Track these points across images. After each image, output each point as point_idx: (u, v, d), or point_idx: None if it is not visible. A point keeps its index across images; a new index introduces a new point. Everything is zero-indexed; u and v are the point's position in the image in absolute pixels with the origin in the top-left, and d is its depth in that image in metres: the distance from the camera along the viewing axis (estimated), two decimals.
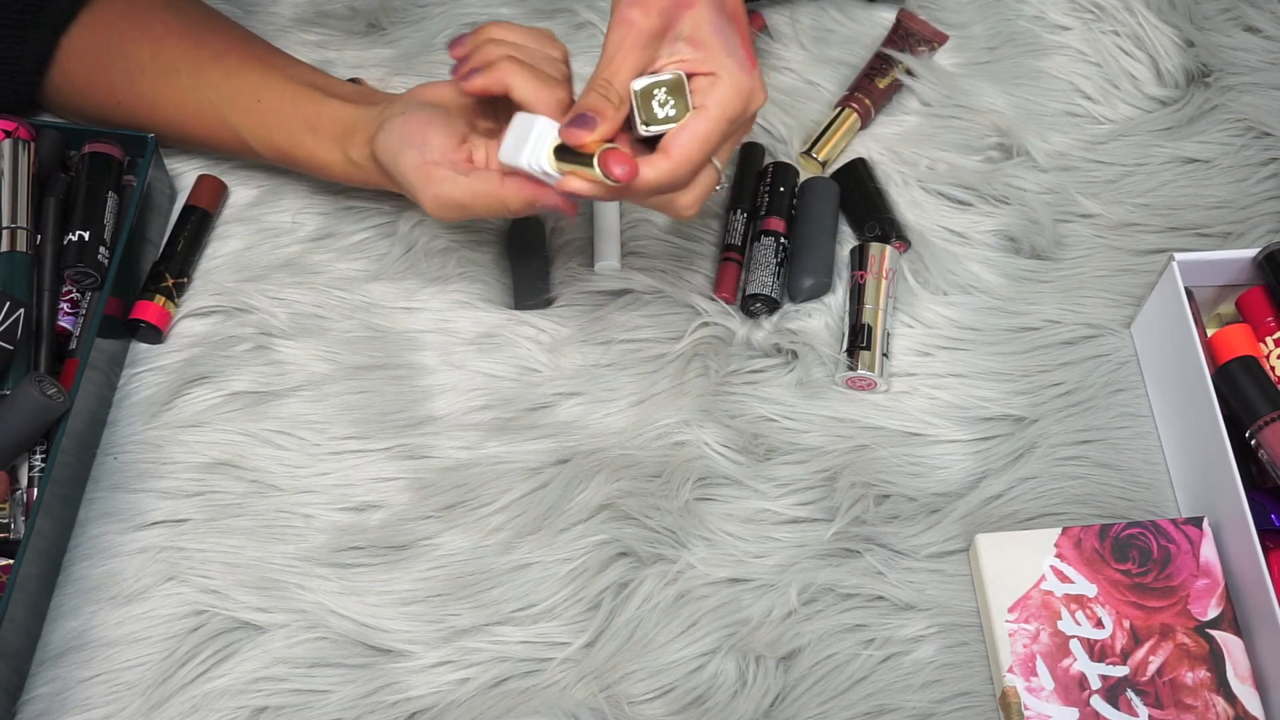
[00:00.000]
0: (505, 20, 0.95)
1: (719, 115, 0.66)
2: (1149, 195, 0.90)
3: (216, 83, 0.80)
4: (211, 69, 0.80)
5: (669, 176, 0.66)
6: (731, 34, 0.67)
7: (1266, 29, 0.97)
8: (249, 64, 0.80)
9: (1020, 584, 0.73)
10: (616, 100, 0.66)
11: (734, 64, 0.66)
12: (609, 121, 0.66)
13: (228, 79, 0.80)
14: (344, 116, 0.77)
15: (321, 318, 0.83)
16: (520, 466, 0.79)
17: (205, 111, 0.81)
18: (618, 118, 0.66)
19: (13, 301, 0.73)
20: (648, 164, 0.65)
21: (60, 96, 0.84)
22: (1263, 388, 0.74)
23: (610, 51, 0.67)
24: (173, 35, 0.81)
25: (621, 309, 0.84)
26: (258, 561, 0.75)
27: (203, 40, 0.81)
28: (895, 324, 0.84)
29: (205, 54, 0.81)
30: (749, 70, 0.67)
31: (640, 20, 0.66)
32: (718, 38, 0.66)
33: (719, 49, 0.66)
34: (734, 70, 0.66)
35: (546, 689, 0.72)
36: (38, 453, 0.75)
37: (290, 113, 0.79)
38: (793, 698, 0.72)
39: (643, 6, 0.66)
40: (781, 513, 0.77)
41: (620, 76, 0.66)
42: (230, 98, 0.80)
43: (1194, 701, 0.69)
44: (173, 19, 0.82)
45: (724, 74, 0.66)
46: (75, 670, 0.72)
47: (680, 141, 0.66)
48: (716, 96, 0.66)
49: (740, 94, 0.66)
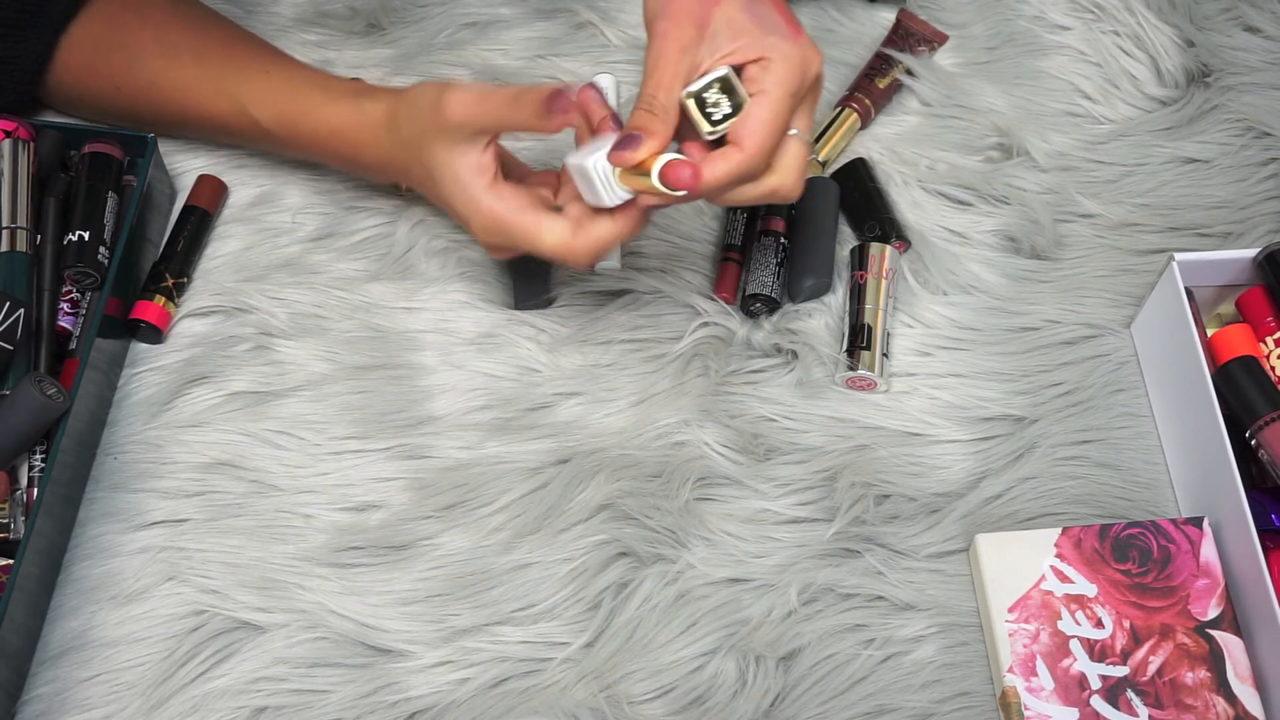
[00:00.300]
0: (504, 16, 0.95)
1: (779, 95, 0.66)
2: (1149, 195, 0.90)
3: (222, 62, 0.81)
4: (217, 51, 0.81)
5: (743, 167, 0.66)
6: (767, 11, 0.67)
7: (1266, 29, 0.97)
8: (255, 50, 0.82)
9: (1020, 584, 0.73)
10: (662, 113, 0.66)
11: (778, 40, 0.66)
12: (657, 136, 0.66)
13: (235, 58, 0.81)
14: (359, 84, 0.79)
15: (321, 318, 0.83)
16: (520, 466, 0.79)
17: (206, 86, 0.81)
18: (666, 131, 0.66)
19: (13, 301, 0.73)
20: (720, 158, 0.66)
21: (60, 89, 0.84)
22: (1263, 388, 0.74)
23: (650, 66, 0.67)
24: (177, 24, 0.82)
25: (621, 309, 0.84)
26: (258, 561, 0.75)
27: (207, 30, 0.82)
28: (895, 324, 0.84)
29: (211, 40, 0.81)
30: (795, 39, 0.67)
31: (672, 30, 0.66)
32: (754, 22, 0.67)
33: (758, 32, 0.66)
34: (780, 45, 0.66)
35: (546, 689, 0.72)
36: (38, 453, 0.75)
37: (300, 79, 0.80)
38: (793, 698, 0.72)
39: (671, 17, 0.66)
40: (781, 513, 0.77)
41: (663, 88, 0.66)
42: (236, 70, 0.80)
43: (1194, 701, 0.69)
44: (175, 12, 0.82)
45: (771, 53, 0.66)
46: (75, 670, 0.73)
47: (748, 129, 0.66)
48: (772, 78, 0.66)
49: (794, 66, 0.67)
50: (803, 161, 0.69)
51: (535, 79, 0.93)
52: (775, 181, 0.68)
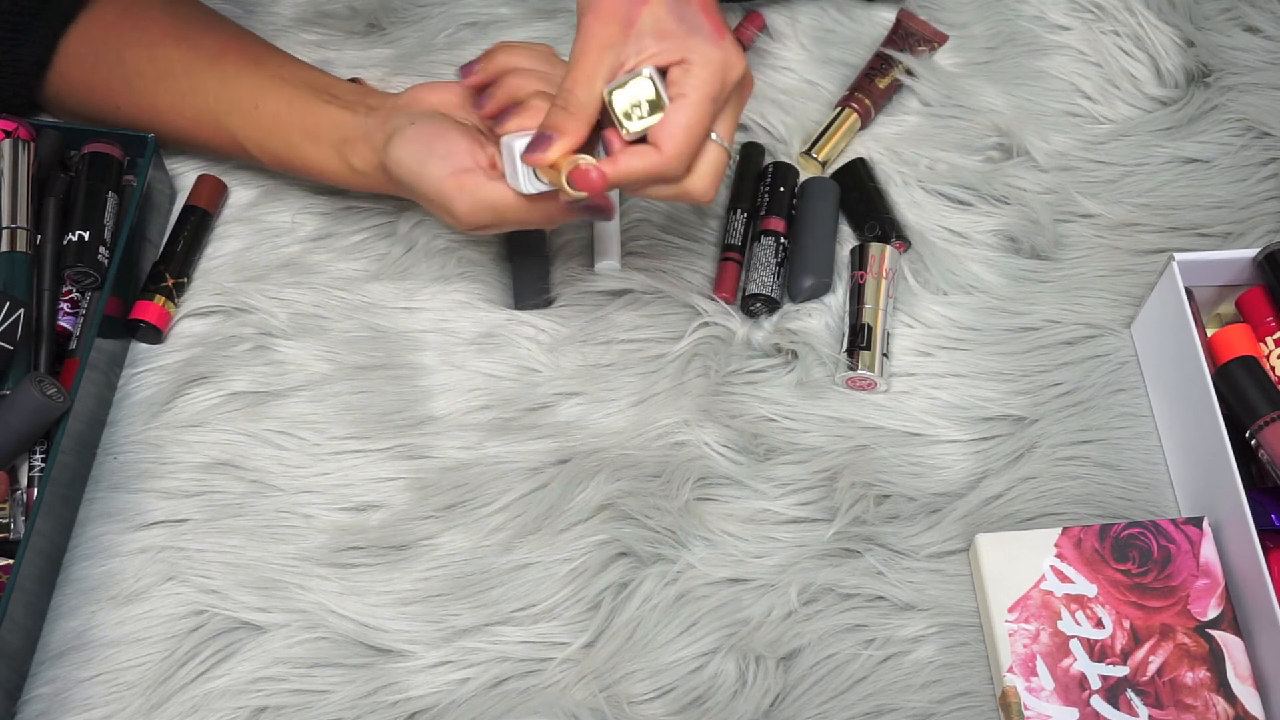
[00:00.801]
0: (504, 16, 0.95)
1: (699, 99, 0.66)
2: (1149, 195, 0.90)
3: (212, 88, 0.80)
4: (207, 73, 0.80)
5: (659, 168, 0.66)
6: (693, 13, 0.67)
7: (1266, 29, 0.97)
8: (245, 67, 0.80)
9: (1020, 584, 0.73)
10: (578, 110, 0.66)
11: (700, 42, 0.66)
12: (570, 134, 0.66)
13: (224, 84, 0.80)
14: (343, 123, 0.77)
15: (321, 318, 0.83)
16: (520, 466, 0.79)
17: (203, 117, 0.81)
18: (580, 128, 0.66)
19: (13, 301, 0.73)
20: (637, 155, 0.66)
21: (58, 99, 0.84)
22: (1263, 388, 0.74)
23: (572, 60, 0.67)
24: (169, 39, 0.81)
25: (621, 309, 0.84)
26: (258, 561, 0.75)
27: (199, 43, 0.81)
28: (895, 324, 0.84)
29: (201, 57, 0.80)
30: (718, 41, 0.66)
31: (596, 26, 0.66)
32: (679, 24, 0.66)
33: (682, 33, 0.66)
34: (702, 48, 0.66)
35: (546, 689, 0.72)
36: (38, 453, 0.75)
37: (288, 120, 0.78)
38: (793, 698, 0.72)
39: (597, 13, 0.66)
40: (781, 513, 0.77)
41: (580, 84, 0.66)
42: (228, 104, 0.80)
43: (1194, 701, 0.69)
44: (168, 21, 0.82)
45: (693, 55, 0.66)
46: (75, 670, 0.72)
47: (667, 132, 0.66)
48: (692, 81, 0.66)
49: (714, 71, 0.66)
50: (719, 167, 0.69)
51: None
52: (690, 184, 0.68)
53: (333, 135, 0.77)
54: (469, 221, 0.71)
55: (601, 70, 0.66)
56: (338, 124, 0.77)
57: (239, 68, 0.80)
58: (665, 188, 0.68)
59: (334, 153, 0.77)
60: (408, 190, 0.74)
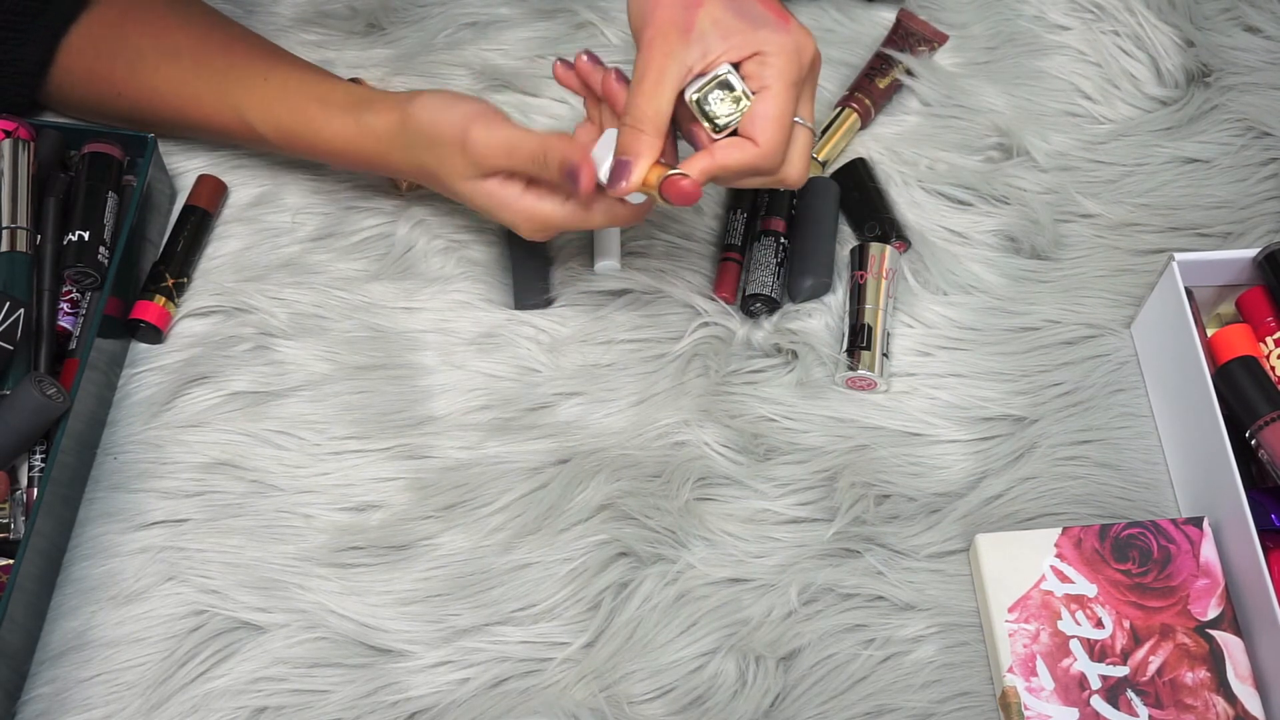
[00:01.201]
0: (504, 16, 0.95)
1: (782, 87, 0.66)
2: (1149, 195, 0.90)
3: (222, 67, 0.80)
4: (217, 56, 0.80)
5: (758, 160, 0.67)
6: (751, 6, 0.68)
7: (1266, 29, 0.97)
8: (255, 52, 0.81)
9: (1020, 584, 0.73)
10: (648, 125, 0.66)
11: (769, 33, 0.67)
12: (645, 152, 0.67)
13: (233, 64, 0.80)
14: (357, 91, 0.78)
15: (321, 318, 0.83)
16: (520, 466, 0.79)
17: (206, 93, 0.80)
18: (653, 142, 0.67)
19: (13, 301, 0.73)
20: (735, 147, 0.66)
21: (61, 92, 0.84)
22: (1263, 388, 0.74)
23: (637, 79, 0.67)
24: (177, 28, 0.81)
25: (621, 309, 0.84)
26: (258, 561, 0.75)
27: (208, 33, 0.81)
28: (895, 324, 0.84)
29: (212, 44, 0.81)
30: (785, 28, 0.67)
31: (656, 39, 0.66)
32: (740, 19, 0.67)
33: (747, 28, 0.67)
34: (773, 38, 0.67)
35: (546, 689, 0.72)
36: (38, 453, 0.75)
37: (299, 88, 0.79)
38: (793, 698, 0.72)
39: (655, 26, 0.67)
40: (781, 513, 0.77)
41: (645, 98, 0.66)
42: (237, 78, 0.80)
43: (1194, 701, 0.69)
44: (176, 16, 0.82)
45: (766, 46, 0.66)
46: (75, 670, 0.72)
47: (760, 126, 0.66)
48: (772, 71, 0.66)
49: (790, 57, 0.67)
50: (808, 149, 0.70)
51: (535, 79, 0.93)
52: (785, 171, 0.69)
53: (346, 100, 0.77)
54: (482, 149, 0.71)
55: (666, 80, 0.66)
56: (352, 91, 0.78)
57: (249, 51, 0.81)
58: (760, 178, 0.69)
59: (344, 114, 0.77)
60: (423, 132, 0.73)
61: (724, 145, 0.67)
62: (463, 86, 0.92)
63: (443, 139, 0.73)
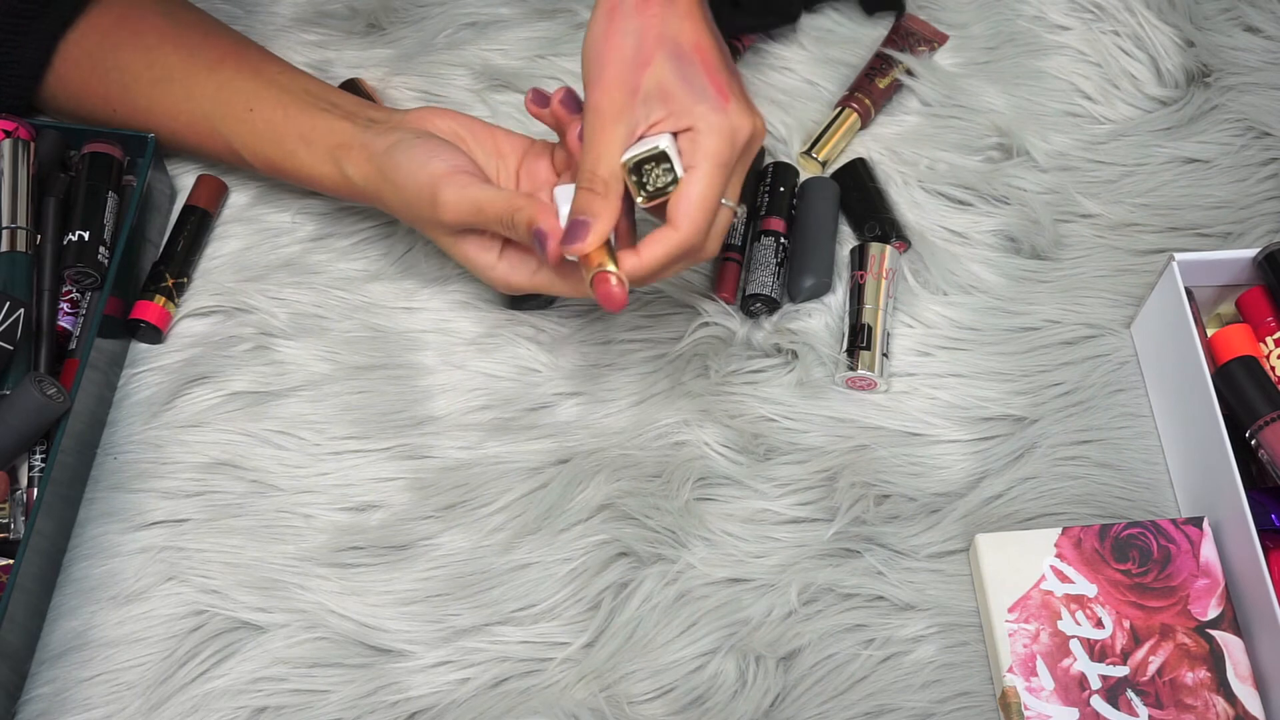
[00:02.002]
0: (504, 16, 0.95)
1: (709, 169, 0.66)
2: (1149, 195, 0.90)
3: (209, 93, 0.80)
4: (205, 79, 0.80)
5: (683, 244, 0.67)
6: (696, 75, 0.67)
7: (1266, 29, 0.97)
8: (243, 73, 0.80)
9: (1020, 584, 0.73)
10: (604, 189, 0.67)
11: (706, 109, 0.66)
12: (603, 215, 0.66)
13: (220, 89, 0.80)
14: (340, 130, 0.76)
15: (321, 318, 0.83)
16: (520, 466, 0.79)
17: (198, 122, 0.81)
18: (611, 206, 0.67)
19: (13, 301, 0.73)
20: (657, 241, 0.67)
21: (56, 102, 0.84)
22: (1263, 388, 0.74)
23: (587, 140, 0.67)
24: (167, 44, 0.81)
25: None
26: (258, 561, 0.75)
27: (197, 49, 0.81)
28: (895, 324, 0.84)
29: (199, 63, 0.80)
30: (723, 107, 0.66)
31: (603, 101, 0.67)
32: (683, 86, 0.66)
33: (687, 98, 0.66)
34: (708, 116, 0.66)
35: (546, 689, 0.72)
36: (38, 453, 0.75)
37: (283, 124, 0.78)
38: (793, 698, 0.72)
39: (600, 87, 0.67)
40: (781, 513, 0.77)
41: (602, 162, 0.67)
42: (223, 108, 0.79)
43: (1194, 701, 0.69)
44: (167, 26, 0.82)
45: (699, 123, 0.66)
46: (75, 670, 0.72)
47: (682, 210, 0.66)
48: (701, 151, 0.66)
49: (723, 138, 0.66)
50: (725, 226, 0.70)
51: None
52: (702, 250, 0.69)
53: (328, 141, 0.77)
54: (451, 211, 0.70)
55: (617, 143, 0.66)
56: (334, 130, 0.77)
57: (236, 73, 0.80)
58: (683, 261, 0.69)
59: (327, 157, 0.77)
60: (397, 189, 0.73)
61: (647, 243, 0.67)
62: (463, 86, 0.92)
63: (415, 200, 0.72)
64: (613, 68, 0.66)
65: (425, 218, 0.72)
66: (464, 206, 0.70)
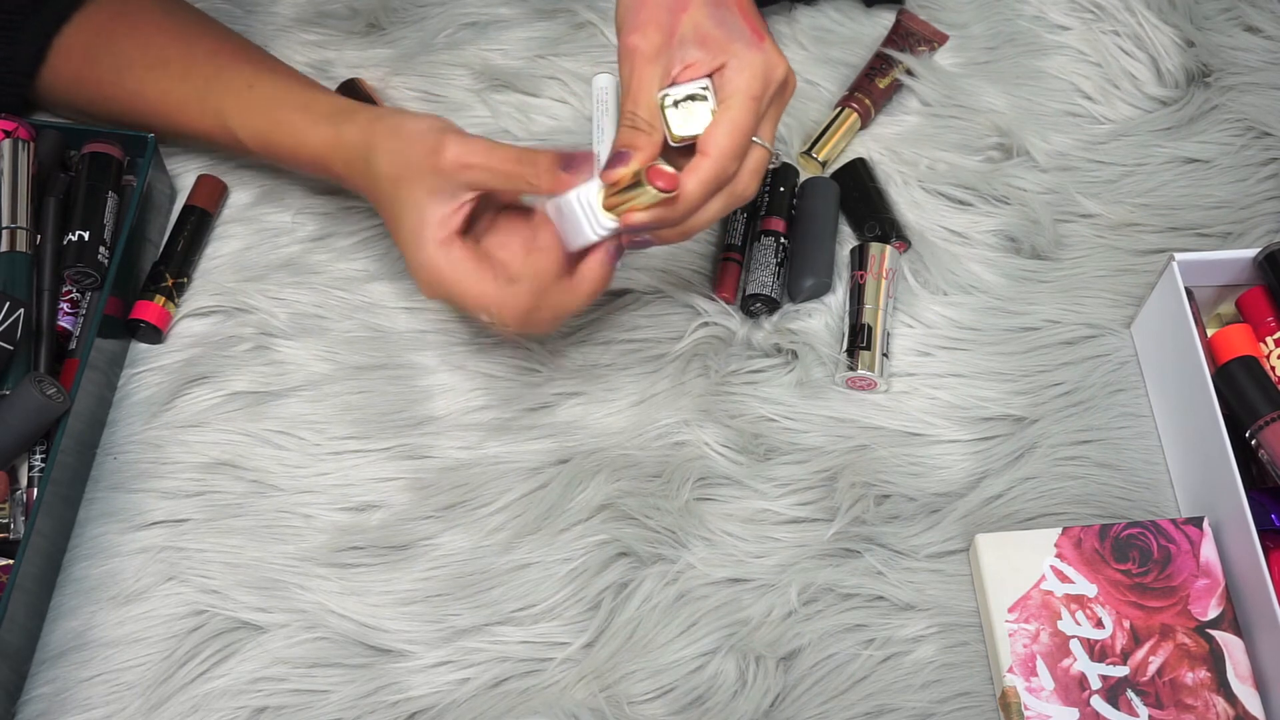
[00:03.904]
0: (504, 16, 0.95)
1: (741, 102, 0.67)
2: (1149, 195, 0.90)
3: (208, 75, 0.80)
4: (203, 63, 0.80)
5: (713, 173, 0.66)
6: (732, 17, 0.68)
7: (1266, 29, 0.97)
8: (241, 60, 0.80)
9: (1020, 584, 0.73)
10: (645, 126, 0.67)
11: (740, 47, 0.67)
12: (644, 149, 0.66)
13: (219, 72, 0.80)
14: (341, 102, 0.77)
15: (321, 318, 0.83)
16: (520, 466, 0.79)
17: (191, 101, 0.80)
18: (652, 143, 0.67)
19: (13, 301, 0.73)
20: (690, 171, 0.66)
21: (51, 94, 0.84)
22: (1263, 388, 0.74)
23: (625, 83, 0.68)
24: (165, 34, 0.81)
25: (621, 309, 0.84)
26: (258, 561, 0.75)
27: (195, 40, 0.81)
28: (895, 324, 0.84)
29: (198, 51, 0.80)
30: (758, 45, 0.67)
31: (641, 44, 0.67)
32: (719, 29, 0.67)
33: (722, 39, 0.67)
34: (743, 53, 0.67)
35: (546, 689, 0.72)
36: (38, 453, 0.75)
37: (284, 96, 0.78)
38: (793, 698, 0.72)
39: (639, 30, 0.67)
40: (781, 513, 0.77)
41: (641, 104, 0.67)
42: (222, 86, 0.79)
43: (1194, 701, 0.69)
44: (165, 21, 0.82)
45: (733, 60, 0.67)
46: (75, 670, 0.72)
47: (715, 139, 0.66)
48: (734, 85, 0.67)
49: (755, 73, 0.67)
50: (760, 164, 0.69)
51: (535, 79, 0.93)
52: (733, 185, 0.68)
53: (327, 108, 0.76)
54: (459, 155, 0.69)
55: (653, 82, 0.67)
56: (335, 102, 0.77)
57: (234, 60, 0.80)
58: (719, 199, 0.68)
59: (324, 122, 0.75)
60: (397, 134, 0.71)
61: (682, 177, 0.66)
62: (463, 86, 0.92)
63: (415, 138, 0.71)
64: (649, 10, 0.67)
65: (416, 162, 0.70)
66: (473, 147, 0.69)
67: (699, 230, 0.70)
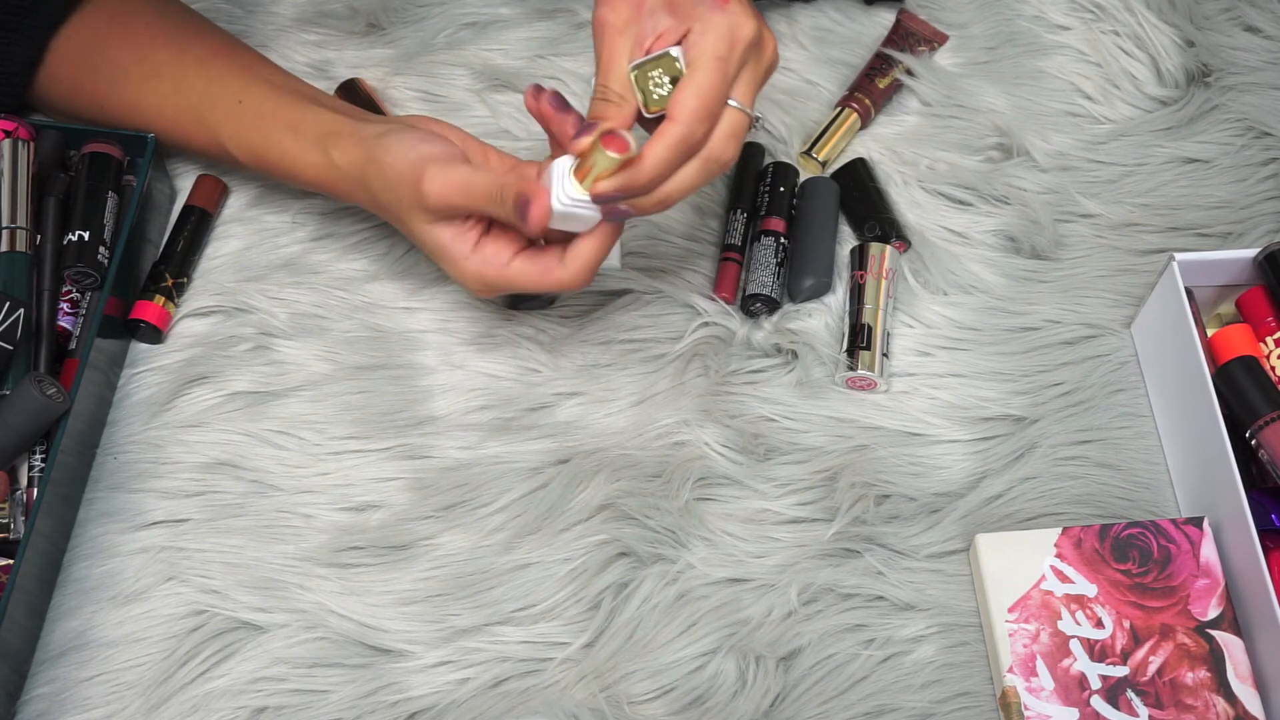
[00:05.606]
0: (504, 16, 0.95)
1: (706, 64, 0.66)
2: (1149, 195, 0.90)
3: (199, 88, 0.79)
4: (194, 74, 0.80)
5: (678, 137, 0.66)
6: None
7: (1266, 29, 0.97)
8: (233, 70, 0.80)
9: (1020, 584, 0.73)
10: (616, 98, 0.67)
11: (704, 10, 0.67)
12: (614, 121, 0.67)
13: (210, 84, 0.79)
14: (330, 121, 0.76)
15: (321, 318, 0.83)
16: (520, 466, 0.79)
17: (185, 113, 0.80)
18: (624, 112, 0.67)
19: (13, 301, 0.73)
20: (657, 137, 0.66)
21: (47, 98, 0.83)
22: (1263, 388, 0.74)
23: (597, 56, 0.68)
24: (158, 41, 0.81)
25: (621, 309, 0.84)
26: (258, 561, 0.75)
27: (188, 46, 0.81)
28: (895, 324, 0.84)
29: (189, 59, 0.80)
30: (720, 6, 0.67)
31: (610, 16, 0.67)
32: None
33: (688, 4, 0.67)
34: (705, 15, 0.67)
35: (546, 689, 0.72)
36: (38, 453, 0.75)
37: (271, 115, 0.77)
38: (793, 698, 0.72)
39: (608, 4, 0.67)
40: (781, 513, 0.77)
41: (613, 76, 0.67)
42: (211, 100, 0.79)
43: (1194, 701, 0.69)
44: (159, 24, 0.81)
45: (697, 24, 0.67)
46: (75, 670, 0.72)
47: (680, 102, 0.66)
48: (699, 48, 0.66)
49: (719, 34, 0.66)
50: (737, 128, 0.68)
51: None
52: (710, 147, 0.68)
53: (317, 129, 0.76)
54: (438, 188, 0.70)
55: (624, 53, 0.67)
56: (324, 121, 0.76)
57: (226, 70, 0.80)
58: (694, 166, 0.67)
59: (314, 144, 0.76)
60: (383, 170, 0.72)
61: (648, 144, 0.66)
62: (463, 86, 0.92)
63: (400, 180, 0.71)
64: None
65: (407, 200, 0.71)
66: (452, 184, 0.70)
67: (677, 198, 0.69)
